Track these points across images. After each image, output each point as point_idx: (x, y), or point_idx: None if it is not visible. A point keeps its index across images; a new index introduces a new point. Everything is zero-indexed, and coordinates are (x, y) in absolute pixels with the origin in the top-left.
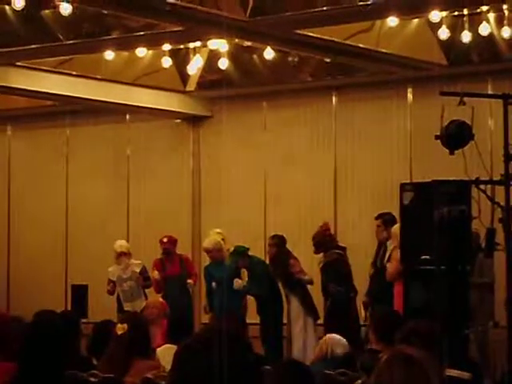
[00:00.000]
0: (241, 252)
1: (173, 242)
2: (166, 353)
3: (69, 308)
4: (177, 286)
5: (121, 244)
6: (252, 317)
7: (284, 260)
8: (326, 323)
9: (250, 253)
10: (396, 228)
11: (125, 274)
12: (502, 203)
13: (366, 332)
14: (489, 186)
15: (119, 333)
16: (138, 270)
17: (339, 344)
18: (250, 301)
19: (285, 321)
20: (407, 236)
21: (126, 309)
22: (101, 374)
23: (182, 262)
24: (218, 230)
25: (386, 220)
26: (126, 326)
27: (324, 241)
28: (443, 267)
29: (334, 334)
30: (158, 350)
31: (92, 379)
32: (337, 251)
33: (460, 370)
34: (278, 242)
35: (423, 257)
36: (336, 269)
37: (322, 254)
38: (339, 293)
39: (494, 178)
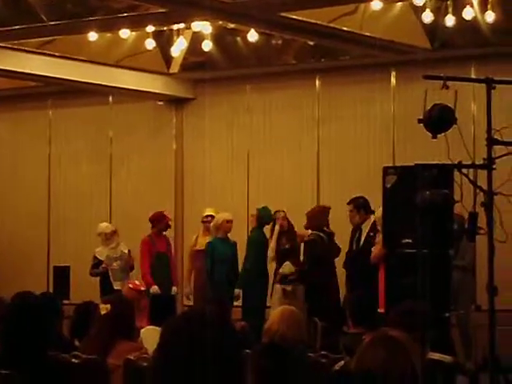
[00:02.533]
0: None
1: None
2: (149, 334)
3: (51, 290)
4: (165, 263)
5: (107, 225)
6: None
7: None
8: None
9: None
10: (379, 212)
11: (115, 253)
12: (485, 187)
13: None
14: (471, 170)
15: (102, 313)
16: (126, 251)
17: None
18: None
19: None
20: (389, 219)
21: (116, 288)
22: (83, 355)
23: (167, 241)
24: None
25: (357, 204)
26: (109, 306)
27: (314, 219)
28: (425, 251)
29: None
30: (142, 331)
31: (74, 360)
32: (319, 233)
33: (442, 353)
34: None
35: (405, 240)
36: (311, 250)
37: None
38: (312, 273)
39: (477, 162)
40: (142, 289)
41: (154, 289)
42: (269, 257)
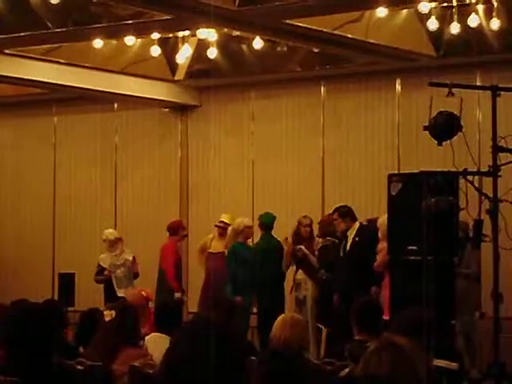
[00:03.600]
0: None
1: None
2: (153, 341)
3: (56, 296)
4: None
5: (111, 231)
6: None
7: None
8: (316, 310)
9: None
10: (383, 220)
11: (118, 260)
12: (490, 194)
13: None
14: (476, 177)
15: (107, 320)
16: (130, 258)
17: None
18: None
19: None
20: (395, 226)
21: (119, 295)
22: (88, 362)
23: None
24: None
25: (341, 212)
26: (113, 313)
27: (326, 225)
28: (430, 258)
29: None
30: (147, 338)
31: (79, 367)
32: (332, 239)
33: (447, 360)
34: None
35: (410, 247)
36: (326, 255)
37: (321, 239)
38: (326, 280)
39: (482, 170)
40: (150, 298)
41: (178, 294)
42: (284, 264)
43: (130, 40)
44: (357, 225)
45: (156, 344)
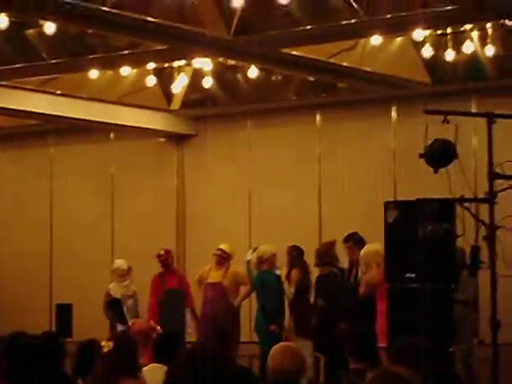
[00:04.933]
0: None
1: (168, 252)
2: (152, 372)
3: (54, 327)
4: (175, 300)
5: (123, 262)
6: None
7: None
8: (314, 339)
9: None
10: (364, 252)
11: (128, 291)
12: (487, 221)
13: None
14: (473, 204)
15: (105, 350)
16: (135, 289)
17: None
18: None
19: None
20: (391, 254)
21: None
22: None
23: (180, 278)
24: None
25: (356, 240)
26: (111, 343)
27: (326, 254)
28: (427, 285)
29: None
30: (145, 369)
31: None
32: (332, 268)
33: None
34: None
35: (408, 275)
36: (325, 284)
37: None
38: (324, 308)
39: (479, 196)
40: (156, 329)
41: (157, 329)
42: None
43: (125, 70)
44: None
45: (155, 374)
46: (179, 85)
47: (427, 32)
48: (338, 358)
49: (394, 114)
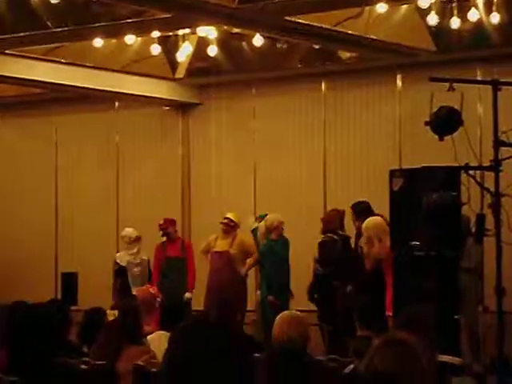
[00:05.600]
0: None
1: (169, 222)
2: (157, 339)
3: (59, 296)
4: (176, 268)
5: (132, 230)
6: None
7: None
8: (317, 308)
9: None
10: (366, 224)
11: (135, 259)
12: (492, 189)
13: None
14: (478, 171)
15: (110, 319)
16: (146, 258)
17: None
18: None
19: None
20: (397, 222)
21: (134, 293)
22: (92, 361)
23: (183, 246)
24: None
25: (357, 211)
26: (116, 312)
27: (329, 222)
28: (433, 253)
29: None
30: (149, 336)
31: (83, 366)
32: (332, 235)
33: (451, 355)
34: None
35: (413, 243)
36: (322, 250)
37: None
38: (321, 274)
39: (484, 164)
40: (158, 299)
41: (188, 295)
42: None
43: (130, 39)
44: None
45: (160, 342)
46: (184, 53)
47: None
48: (342, 327)
49: (399, 81)
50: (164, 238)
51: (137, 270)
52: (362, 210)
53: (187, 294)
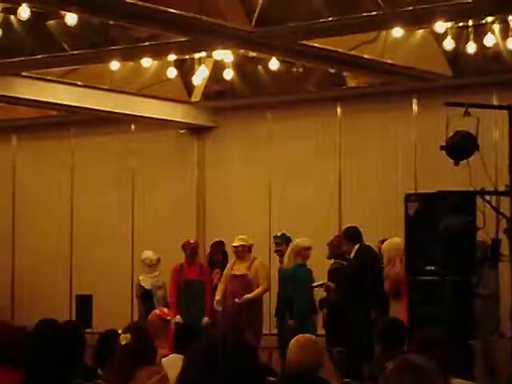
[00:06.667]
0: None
1: (197, 244)
2: (172, 362)
3: (74, 318)
4: (195, 291)
5: (152, 253)
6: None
7: None
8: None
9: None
10: (387, 245)
11: (158, 282)
12: (507, 214)
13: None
14: (494, 196)
15: (123, 343)
16: (165, 281)
17: None
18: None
19: None
20: (412, 246)
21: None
22: None
23: (201, 270)
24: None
25: (344, 234)
26: (129, 335)
27: (337, 247)
28: (448, 278)
29: None
30: (164, 359)
31: None
32: (340, 261)
33: (465, 380)
34: None
35: (428, 267)
36: (336, 277)
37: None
38: (335, 302)
39: (499, 189)
40: (168, 318)
41: (176, 318)
42: None
43: (146, 62)
44: (356, 246)
45: (173, 365)
46: (200, 76)
47: (448, 24)
48: (356, 350)
49: (415, 106)
50: (182, 260)
51: (160, 293)
52: (351, 235)
53: (205, 319)
